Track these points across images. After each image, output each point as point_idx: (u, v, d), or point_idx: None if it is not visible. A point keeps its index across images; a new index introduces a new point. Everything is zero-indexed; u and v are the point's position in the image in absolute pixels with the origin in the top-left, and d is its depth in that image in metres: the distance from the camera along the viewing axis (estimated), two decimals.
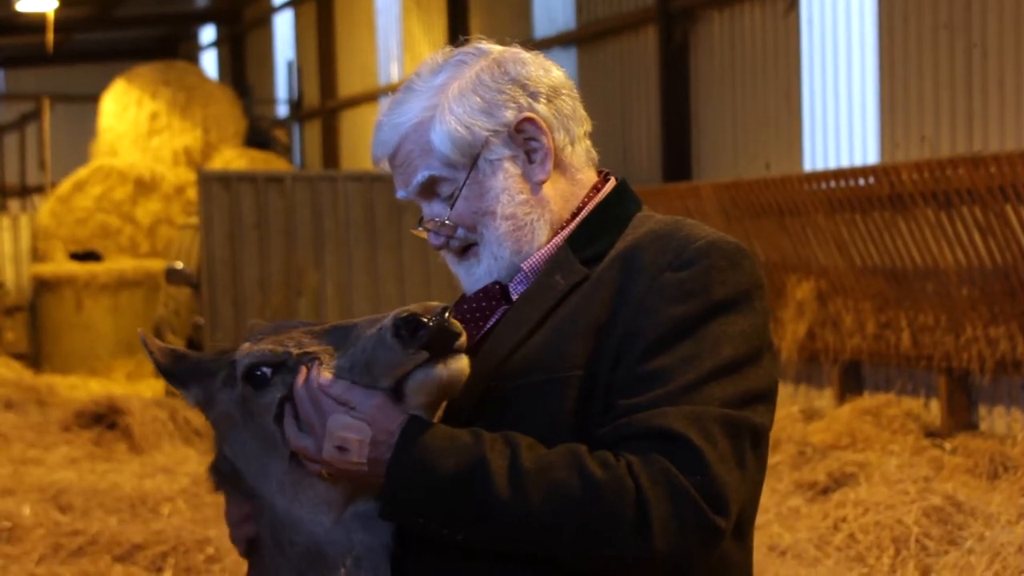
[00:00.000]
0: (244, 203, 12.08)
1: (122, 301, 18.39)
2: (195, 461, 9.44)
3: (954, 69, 10.33)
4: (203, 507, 7.93)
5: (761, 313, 2.10)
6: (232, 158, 20.30)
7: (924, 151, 10.58)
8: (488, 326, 2.23)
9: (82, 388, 14.82)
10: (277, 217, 12.15)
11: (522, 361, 2.13)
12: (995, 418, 9.69)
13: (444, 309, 1.99)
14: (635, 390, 2.03)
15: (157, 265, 17.58)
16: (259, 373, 2.11)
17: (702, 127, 13.65)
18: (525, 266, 2.22)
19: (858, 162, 11.58)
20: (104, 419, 10.71)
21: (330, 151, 23.40)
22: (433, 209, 2.24)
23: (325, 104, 23.50)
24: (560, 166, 2.24)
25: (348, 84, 23.05)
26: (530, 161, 2.22)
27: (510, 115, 2.19)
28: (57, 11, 20.30)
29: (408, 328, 1.98)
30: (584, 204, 2.26)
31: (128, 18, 26.68)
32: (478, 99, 2.19)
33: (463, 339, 2.02)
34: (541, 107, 2.22)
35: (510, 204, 2.20)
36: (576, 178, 2.26)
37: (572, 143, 2.25)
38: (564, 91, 2.25)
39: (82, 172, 19.78)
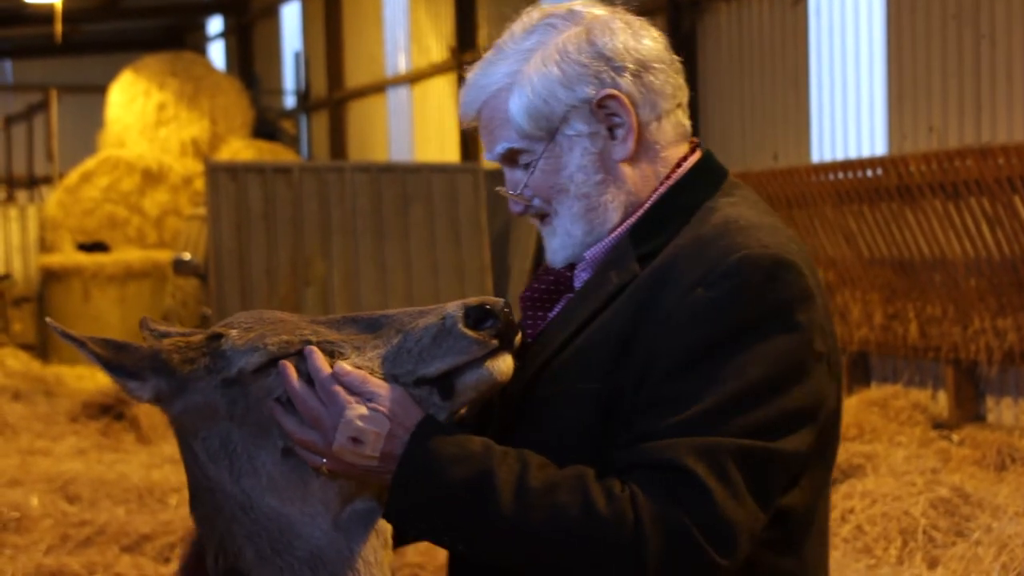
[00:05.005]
0: (251, 194, 12.08)
1: (129, 292, 18.40)
2: None
3: (962, 60, 10.30)
4: None
5: (805, 327, 1.99)
6: (239, 149, 20.30)
7: (932, 142, 10.56)
8: (551, 316, 2.19)
9: (90, 379, 14.82)
10: (284, 208, 12.15)
11: (560, 367, 2.08)
12: (1003, 409, 9.68)
13: (507, 304, 1.97)
14: (652, 414, 1.97)
15: (164, 256, 17.59)
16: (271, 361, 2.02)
17: (710, 118, 13.63)
18: (588, 255, 2.16)
19: (866, 153, 11.56)
20: (112, 410, 10.73)
21: (337, 142, 23.39)
22: (514, 176, 2.18)
23: (332, 95, 23.49)
24: (643, 144, 2.14)
25: (355, 75, 23.04)
26: (612, 138, 2.13)
27: (590, 91, 2.11)
28: (64, 2, 20.29)
29: (478, 317, 1.95)
30: (662, 185, 2.17)
31: (135, 9, 26.68)
32: (558, 71, 2.11)
33: (519, 337, 2.00)
34: (626, 83, 2.12)
35: (585, 184, 2.13)
36: (660, 156, 2.16)
37: (658, 119, 2.15)
38: (655, 64, 2.15)
39: (90, 163, 19.79)
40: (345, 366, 1.99)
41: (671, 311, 2.00)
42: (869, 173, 9.99)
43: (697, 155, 2.20)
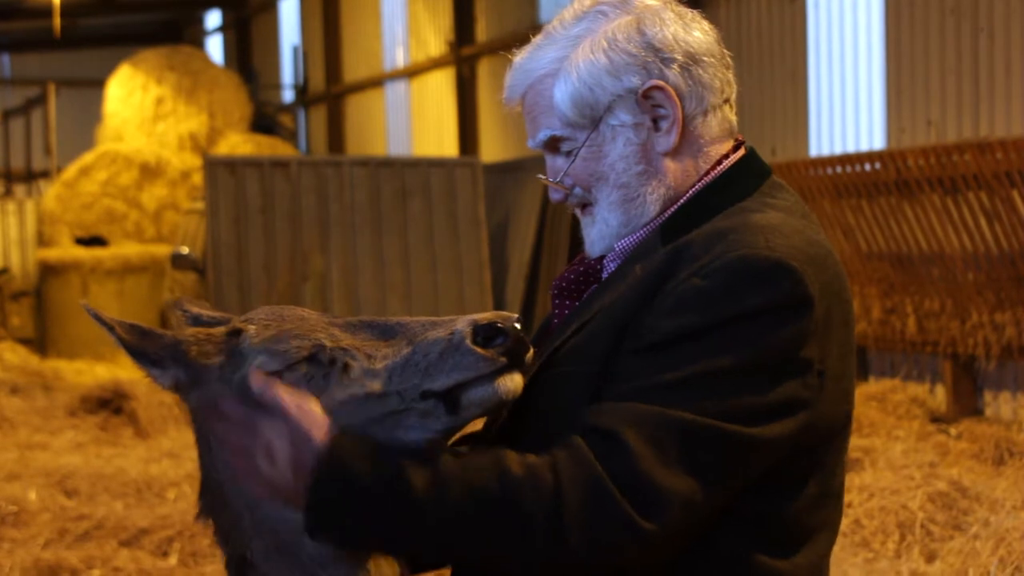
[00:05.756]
0: (249, 188, 12.07)
1: (128, 286, 18.39)
2: None
3: (961, 54, 10.30)
4: None
5: (791, 333, 1.95)
6: (238, 143, 20.28)
7: (930, 136, 10.56)
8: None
9: (88, 373, 14.83)
10: (282, 202, 12.15)
11: (567, 351, 2.07)
12: (1000, 404, 9.69)
13: (519, 320, 1.96)
14: (611, 386, 1.97)
15: (163, 250, 17.59)
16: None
17: None
18: (618, 246, 2.15)
19: (864, 147, 11.56)
20: (110, 404, 10.73)
21: (335, 136, 23.39)
22: (556, 163, 2.18)
23: (330, 89, 23.49)
24: (687, 138, 2.13)
25: (353, 69, 23.03)
26: (656, 130, 2.12)
27: (636, 80, 2.10)
28: None
29: (487, 334, 1.94)
30: (700, 181, 2.15)
31: (133, 3, 26.67)
32: (606, 60, 2.10)
33: (531, 355, 1.99)
34: (673, 74, 2.11)
35: (625, 173, 2.12)
36: (703, 151, 2.15)
37: (704, 114, 2.14)
38: (704, 57, 2.14)
39: (88, 157, 19.77)
40: (259, 374, 1.98)
41: (665, 295, 1.99)
42: (867, 167, 9.99)
43: (740, 153, 2.19)
